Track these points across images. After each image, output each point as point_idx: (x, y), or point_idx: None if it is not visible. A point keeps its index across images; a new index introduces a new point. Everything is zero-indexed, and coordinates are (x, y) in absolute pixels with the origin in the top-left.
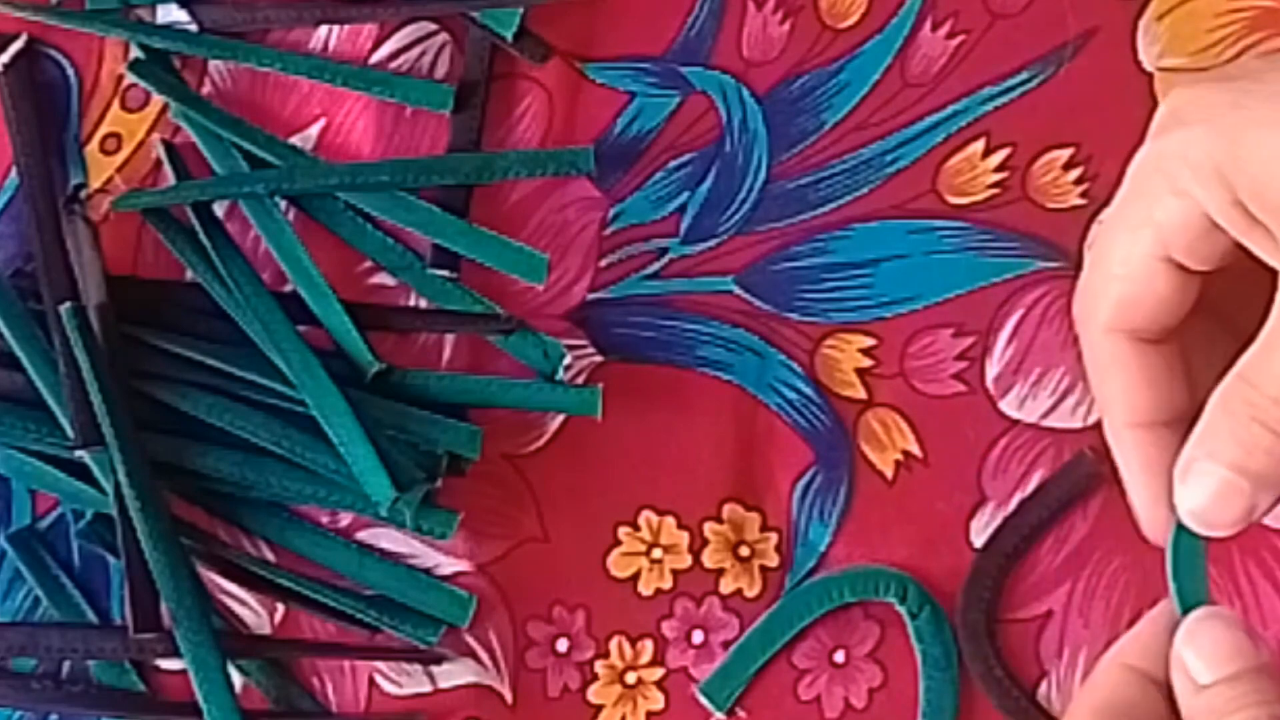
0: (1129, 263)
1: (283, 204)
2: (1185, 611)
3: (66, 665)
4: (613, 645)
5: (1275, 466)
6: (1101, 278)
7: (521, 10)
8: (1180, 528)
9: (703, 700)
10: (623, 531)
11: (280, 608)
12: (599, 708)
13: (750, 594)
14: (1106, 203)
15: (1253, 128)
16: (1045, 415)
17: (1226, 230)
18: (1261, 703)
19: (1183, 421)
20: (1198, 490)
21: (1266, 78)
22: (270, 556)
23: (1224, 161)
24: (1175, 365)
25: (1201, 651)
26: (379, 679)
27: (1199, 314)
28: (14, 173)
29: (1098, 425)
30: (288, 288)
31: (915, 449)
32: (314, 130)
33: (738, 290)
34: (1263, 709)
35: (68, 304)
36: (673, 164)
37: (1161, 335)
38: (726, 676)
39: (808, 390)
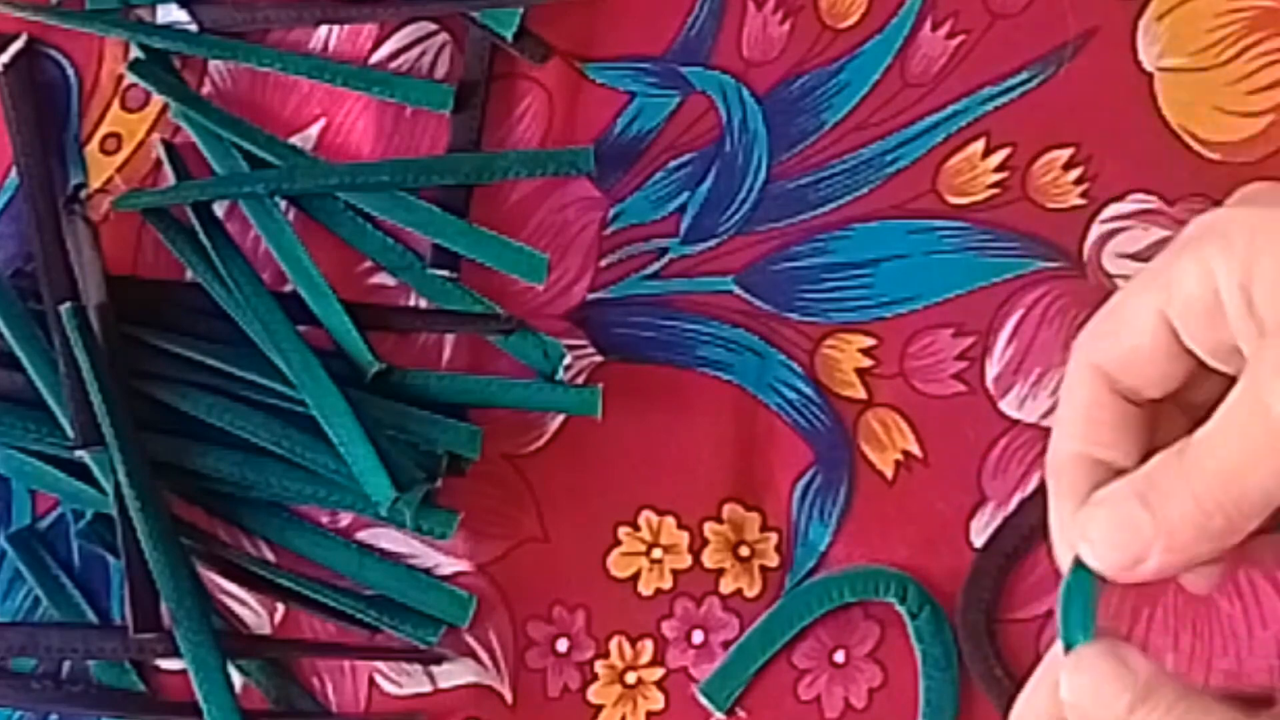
0: (1132, 308)
1: (283, 204)
2: (1067, 648)
3: (66, 665)
4: (613, 645)
5: (1189, 536)
6: (1109, 313)
7: (521, 10)
8: (1077, 566)
9: (702, 700)
10: (623, 531)
11: (280, 608)
12: (599, 708)
13: (750, 594)
14: (1106, 203)
15: None
16: (1045, 415)
17: (1226, 312)
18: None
19: (1123, 472)
20: (1103, 523)
21: None
22: (270, 556)
23: (1255, 249)
24: (1135, 428)
25: (1083, 694)
26: (379, 679)
27: (1170, 412)
28: (14, 173)
29: None
30: (288, 288)
31: (915, 449)
32: (314, 130)
33: (738, 290)
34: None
35: (68, 304)
36: (673, 164)
37: (1136, 398)
38: (726, 676)
39: (808, 390)
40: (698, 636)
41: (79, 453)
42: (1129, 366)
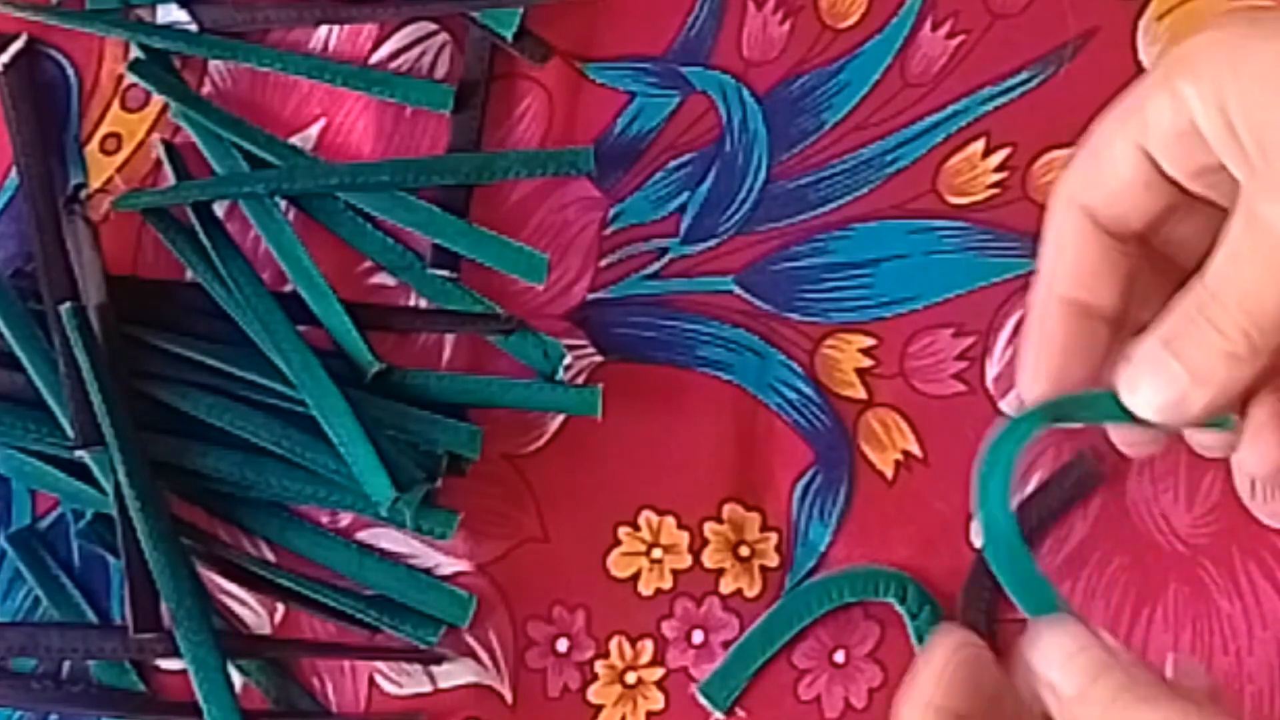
0: (1110, 145)
1: (283, 204)
2: (987, 525)
3: (66, 665)
4: (613, 645)
5: (1220, 368)
6: (1087, 152)
7: (521, 10)
8: (1016, 422)
9: (702, 700)
10: (623, 531)
11: (280, 608)
12: (599, 708)
13: (750, 594)
14: None
15: (1259, 44)
16: None
17: (1207, 139)
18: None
19: (1107, 321)
20: (1145, 380)
21: None
22: (270, 556)
23: (1224, 73)
24: (1121, 269)
25: (1052, 661)
26: (379, 679)
27: (1152, 259)
28: (14, 173)
29: (1097, 425)
30: (288, 288)
31: (915, 449)
32: (314, 130)
33: (738, 290)
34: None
35: (68, 304)
36: (673, 164)
37: (1120, 230)
38: (726, 676)
39: (808, 390)
40: (698, 636)
41: (79, 453)
42: (1112, 201)
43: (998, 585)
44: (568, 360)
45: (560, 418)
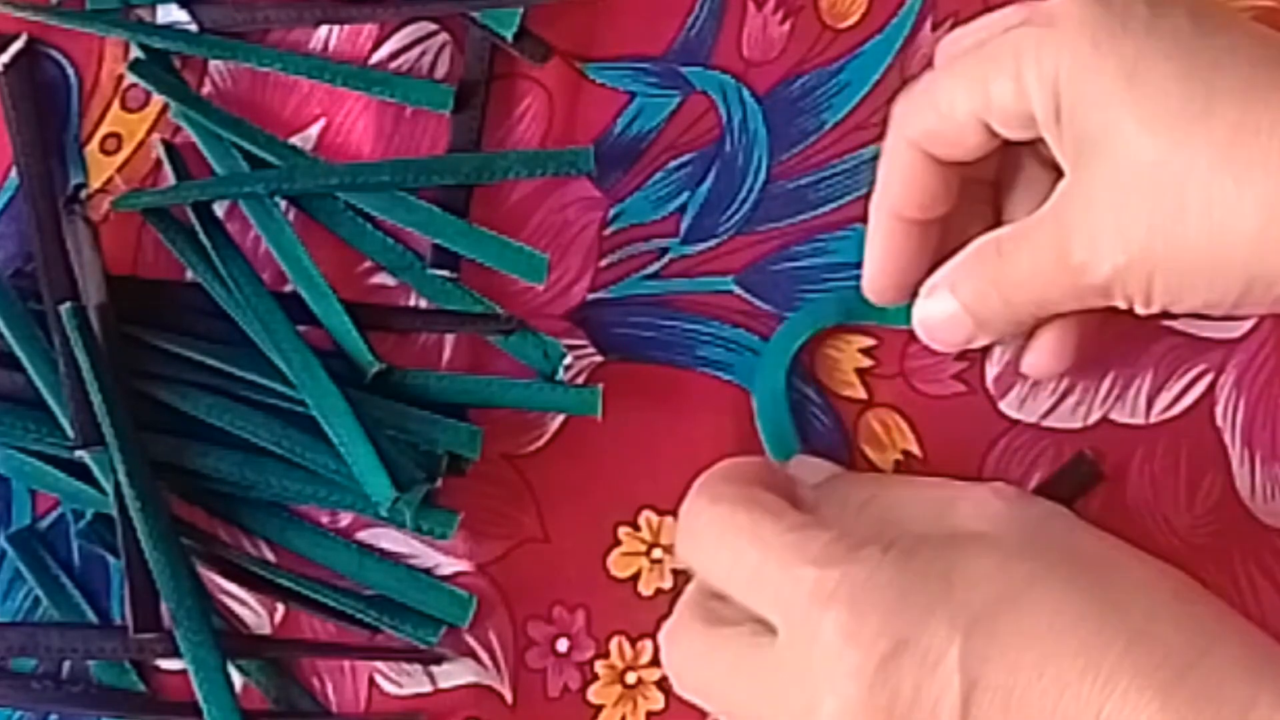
0: (954, 109)
1: (283, 204)
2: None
3: (66, 665)
4: (613, 645)
5: (998, 321)
6: (929, 103)
7: (521, 10)
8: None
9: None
10: (623, 531)
11: (280, 608)
12: (599, 708)
13: None
14: None
15: (1106, 51)
16: (1045, 415)
17: (1042, 132)
18: None
19: (931, 229)
20: (933, 308)
21: (1163, 13)
22: (270, 556)
23: (1066, 77)
24: (950, 188)
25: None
26: (379, 679)
27: (980, 185)
28: (14, 173)
29: (1098, 425)
30: (288, 288)
31: (915, 449)
32: (314, 130)
33: (738, 290)
34: None
35: (68, 304)
36: (673, 164)
37: (949, 161)
38: None
39: (808, 390)
40: None
41: (79, 453)
42: (946, 146)
43: None
44: (568, 360)
45: (560, 418)
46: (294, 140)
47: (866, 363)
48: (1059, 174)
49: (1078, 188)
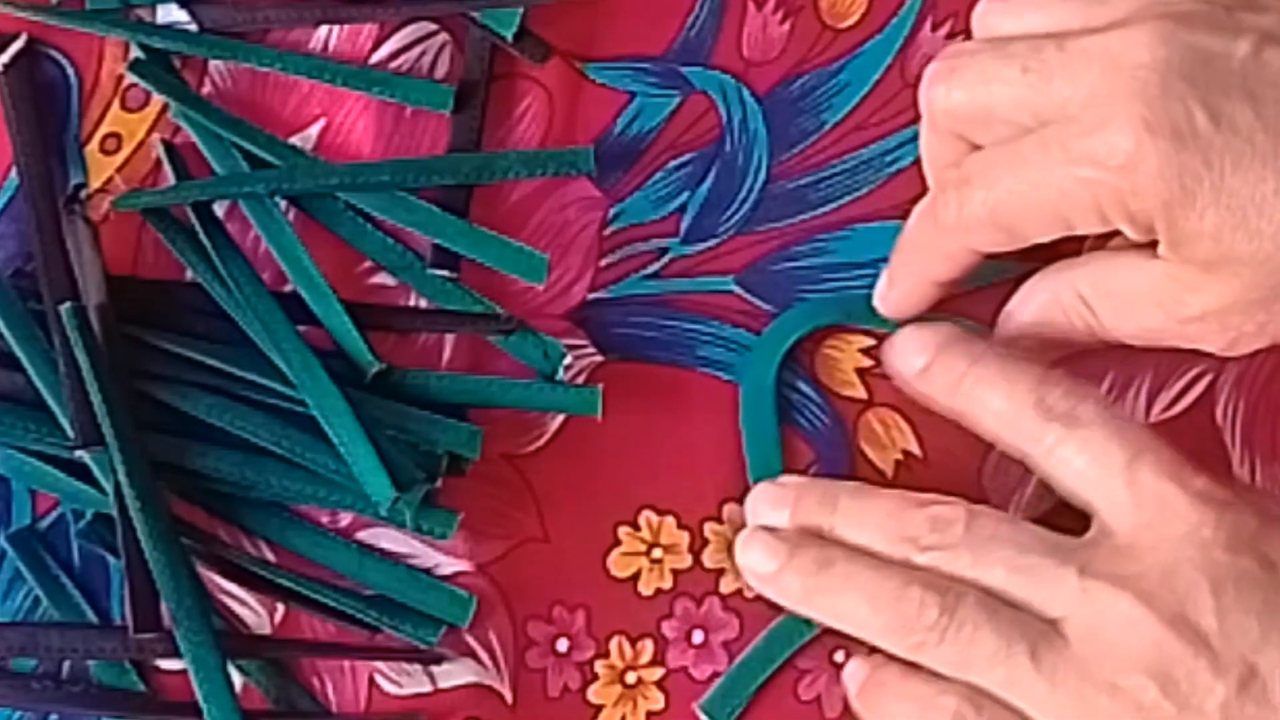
0: (1027, 234)
1: (283, 204)
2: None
3: (66, 665)
4: (613, 645)
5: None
6: (995, 225)
7: (521, 10)
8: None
9: (703, 718)
10: (623, 531)
11: (280, 608)
12: (599, 708)
13: (750, 594)
14: None
15: (1198, 194)
16: None
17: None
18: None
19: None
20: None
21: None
22: (270, 556)
23: (1163, 221)
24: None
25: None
26: (379, 679)
27: None
28: (14, 173)
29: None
30: (288, 288)
31: (915, 449)
32: (314, 130)
33: (738, 290)
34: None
35: (68, 304)
36: (673, 164)
37: None
38: (728, 694)
39: (808, 389)
40: (698, 636)
41: (79, 453)
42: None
43: None
44: (568, 360)
45: (560, 418)
46: (294, 140)
47: (866, 362)
48: None
49: (1201, 294)
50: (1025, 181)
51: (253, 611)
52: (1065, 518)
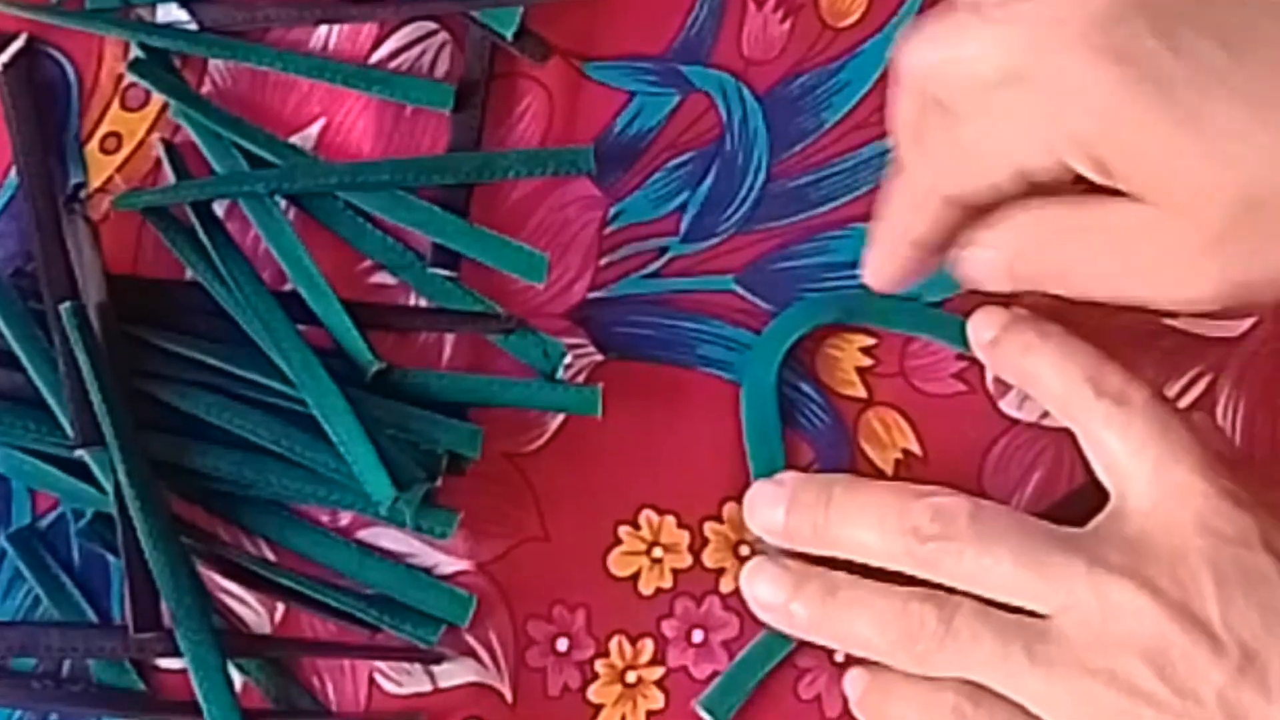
0: (992, 177)
1: (283, 203)
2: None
3: (66, 665)
4: (613, 644)
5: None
6: (961, 168)
7: (521, 10)
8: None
9: (704, 715)
10: (623, 531)
11: (280, 607)
12: (599, 707)
13: None
14: None
15: (1155, 124)
16: (1045, 415)
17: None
18: None
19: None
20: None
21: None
22: (270, 556)
23: (1127, 158)
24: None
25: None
26: (379, 678)
27: None
28: (14, 173)
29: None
30: (288, 287)
31: (915, 448)
32: (314, 130)
33: (738, 289)
34: None
35: (68, 303)
36: (673, 163)
37: None
38: (727, 691)
39: (808, 389)
40: (698, 636)
41: (79, 452)
42: (973, 196)
43: None
44: (568, 359)
45: (560, 417)
46: (294, 140)
47: (867, 362)
48: None
49: (1161, 235)
50: (988, 131)
51: (253, 611)
52: (1065, 518)
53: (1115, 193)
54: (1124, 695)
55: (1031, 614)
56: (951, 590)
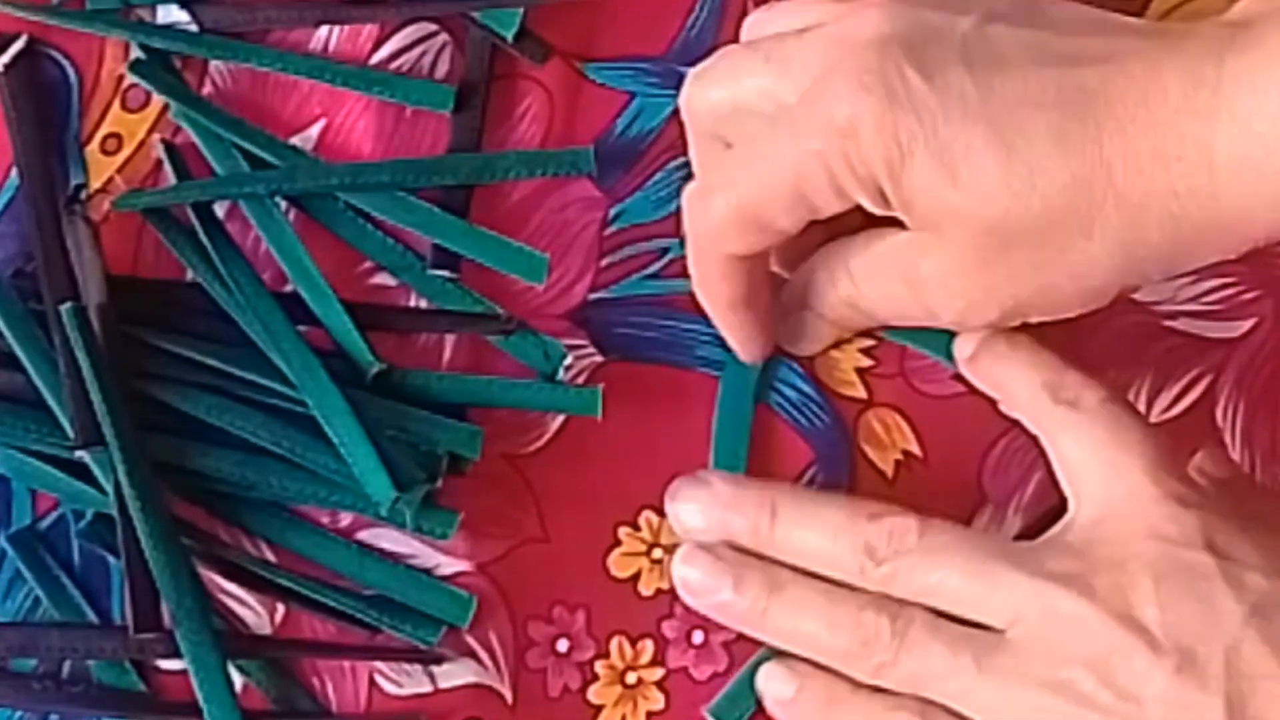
0: (776, 223)
1: (283, 204)
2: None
3: (66, 665)
4: (613, 645)
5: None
6: (746, 220)
7: (521, 10)
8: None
9: None
10: (623, 531)
11: (280, 608)
12: (599, 708)
13: None
14: None
15: (928, 156)
16: None
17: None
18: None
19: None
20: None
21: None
22: (270, 556)
23: (888, 181)
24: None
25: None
26: (379, 679)
27: None
28: (14, 173)
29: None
30: (288, 288)
31: (915, 449)
32: (314, 130)
33: None
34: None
35: (68, 304)
36: (673, 164)
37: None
38: (735, 699)
39: (808, 389)
40: (698, 636)
41: (79, 453)
42: (762, 247)
43: None
44: (568, 360)
45: (560, 418)
46: (294, 140)
47: (866, 362)
48: None
49: (930, 258)
50: (760, 171)
51: (253, 611)
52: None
53: (895, 222)
54: (1070, 703)
55: (988, 629)
56: (901, 601)
